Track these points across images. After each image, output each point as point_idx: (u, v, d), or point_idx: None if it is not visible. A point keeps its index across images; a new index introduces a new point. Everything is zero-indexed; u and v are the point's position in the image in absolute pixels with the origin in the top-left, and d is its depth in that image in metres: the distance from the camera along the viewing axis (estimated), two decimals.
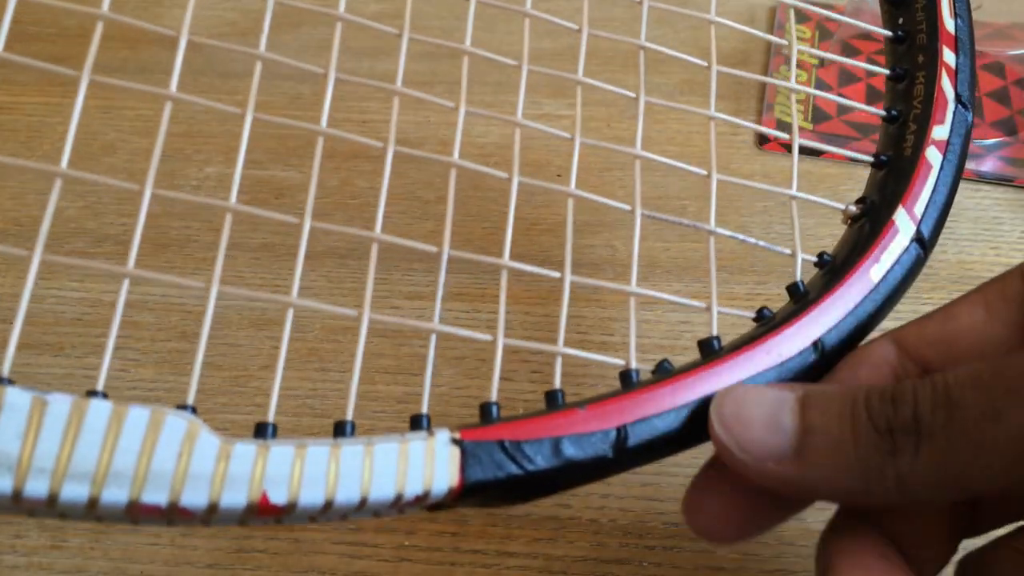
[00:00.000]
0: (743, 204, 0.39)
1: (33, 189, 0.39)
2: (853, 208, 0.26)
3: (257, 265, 0.36)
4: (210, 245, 0.36)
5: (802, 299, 0.24)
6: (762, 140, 0.42)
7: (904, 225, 0.25)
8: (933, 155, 0.26)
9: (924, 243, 0.25)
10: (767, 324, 0.23)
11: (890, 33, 0.30)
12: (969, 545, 0.22)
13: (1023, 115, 0.43)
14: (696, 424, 0.21)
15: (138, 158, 0.40)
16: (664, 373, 0.22)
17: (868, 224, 0.25)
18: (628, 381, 0.22)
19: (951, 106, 0.27)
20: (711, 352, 0.23)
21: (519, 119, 0.24)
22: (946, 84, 0.27)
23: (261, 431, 0.20)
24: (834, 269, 0.24)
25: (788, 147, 0.41)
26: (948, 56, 0.28)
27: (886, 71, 0.29)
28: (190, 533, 0.29)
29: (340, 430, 0.20)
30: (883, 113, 0.28)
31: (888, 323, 0.24)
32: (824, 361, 0.23)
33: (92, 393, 0.19)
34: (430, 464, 0.19)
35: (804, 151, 0.36)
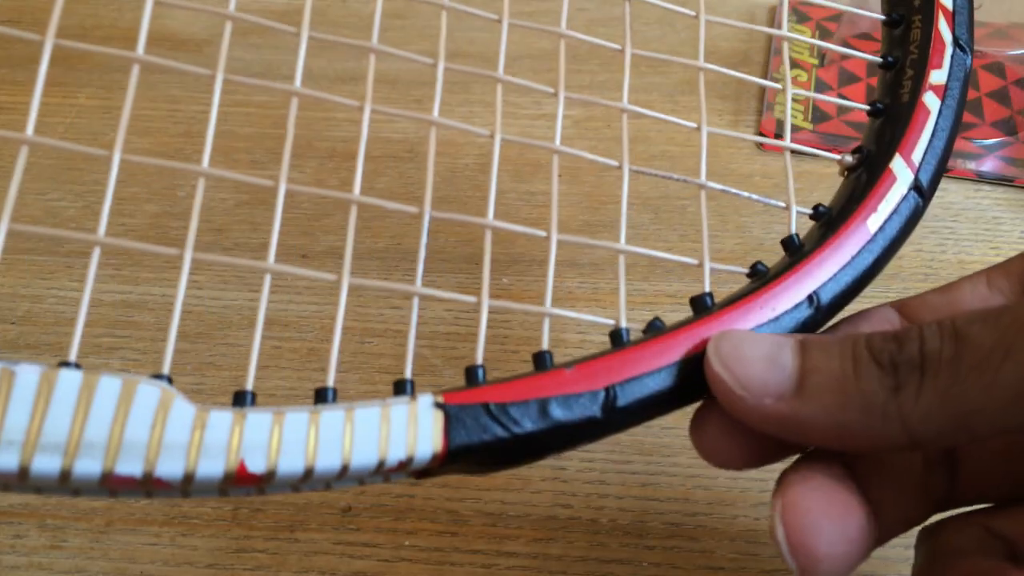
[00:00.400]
0: (742, 204, 0.39)
1: (33, 189, 0.39)
2: (849, 158, 0.25)
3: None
4: (210, 245, 0.36)
5: (797, 252, 0.23)
6: None
7: (902, 173, 0.24)
8: (931, 100, 0.25)
9: (922, 191, 0.24)
10: (761, 279, 0.23)
11: None
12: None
13: (1023, 115, 0.43)
14: (689, 382, 0.21)
15: (137, 157, 0.40)
16: (655, 331, 0.22)
17: (865, 174, 0.25)
18: (618, 340, 0.22)
19: (949, 50, 0.26)
20: (703, 308, 0.22)
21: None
22: (943, 27, 0.26)
23: (240, 399, 0.19)
24: (830, 221, 0.24)
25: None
26: None
27: (877, 59, 0.28)
28: (190, 533, 0.29)
29: (321, 396, 0.20)
30: (879, 60, 0.27)
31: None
32: (820, 315, 0.22)
33: (64, 364, 0.18)
34: (413, 429, 0.19)
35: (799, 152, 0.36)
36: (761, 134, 0.42)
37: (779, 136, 0.42)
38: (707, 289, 0.23)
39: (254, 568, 0.29)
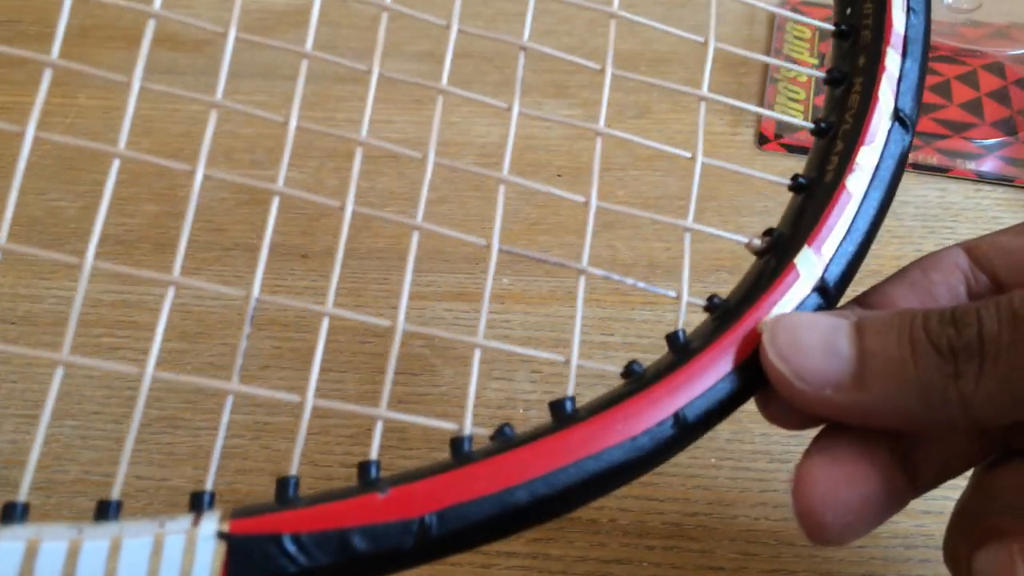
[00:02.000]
0: (743, 204, 0.39)
1: (33, 189, 0.39)
2: (757, 241, 0.22)
3: (256, 264, 0.36)
4: (210, 245, 0.36)
5: (681, 353, 0.20)
6: (762, 140, 0.42)
7: (807, 269, 0.21)
8: (856, 183, 0.22)
9: (828, 292, 0.21)
10: (636, 382, 0.20)
11: (832, 27, 0.25)
12: None
13: (1023, 115, 0.43)
14: (530, 506, 0.18)
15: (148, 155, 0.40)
16: (503, 442, 0.19)
17: (773, 261, 0.22)
18: (458, 452, 0.19)
19: (886, 123, 0.22)
20: (561, 417, 0.19)
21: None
22: (884, 94, 0.23)
23: (8, 514, 0.17)
24: (724, 316, 0.21)
25: (788, 147, 0.41)
26: (892, 60, 0.23)
27: (808, 125, 0.24)
28: None
29: (102, 511, 0.18)
30: (810, 125, 0.24)
31: None
32: (684, 435, 0.19)
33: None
34: (188, 564, 0.17)
35: (797, 149, 0.36)
36: (762, 134, 0.42)
37: (779, 136, 0.42)
38: (569, 392, 0.20)
39: None
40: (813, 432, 0.21)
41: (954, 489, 0.22)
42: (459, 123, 0.42)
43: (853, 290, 0.23)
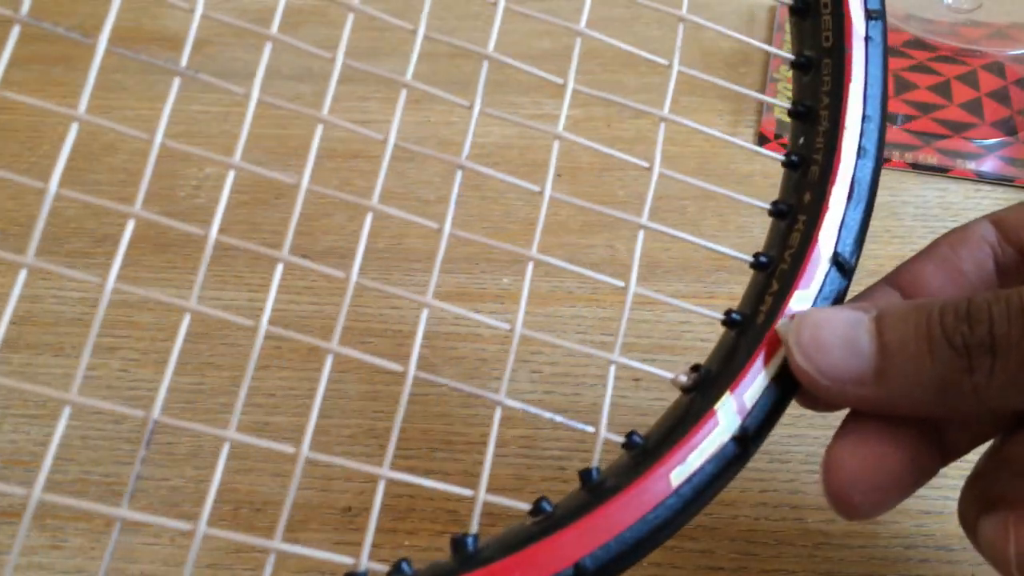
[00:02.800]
0: (743, 204, 0.39)
1: (33, 189, 0.39)
2: (683, 378, 0.22)
3: (256, 264, 0.36)
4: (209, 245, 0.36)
5: (593, 493, 0.20)
6: (762, 140, 0.42)
7: (727, 417, 0.20)
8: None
9: (746, 441, 0.20)
10: (543, 523, 0.19)
11: (782, 157, 0.24)
12: None
13: (1023, 115, 0.43)
14: None
15: (137, 158, 0.40)
16: None
17: (699, 400, 0.21)
18: None
19: (824, 267, 0.22)
20: (465, 558, 0.19)
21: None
22: (825, 238, 0.22)
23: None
24: (642, 455, 0.20)
25: (784, 146, 0.42)
26: (837, 201, 0.22)
27: (746, 258, 0.23)
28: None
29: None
30: (749, 259, 0.23)
31: None
32: None
33: None
34: None
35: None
36: (762, 135, 0.42)
37: (779, 136, 0.42)
38: (473, 529, 0.20)
39: (254, 568, 0.29)
40: (815, 431, 0.21)
41: (954, 489, 0.22)
42: (459, 123, 0.42)
43: (853, 290, 0.23)
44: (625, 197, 0.39)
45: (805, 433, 0.31)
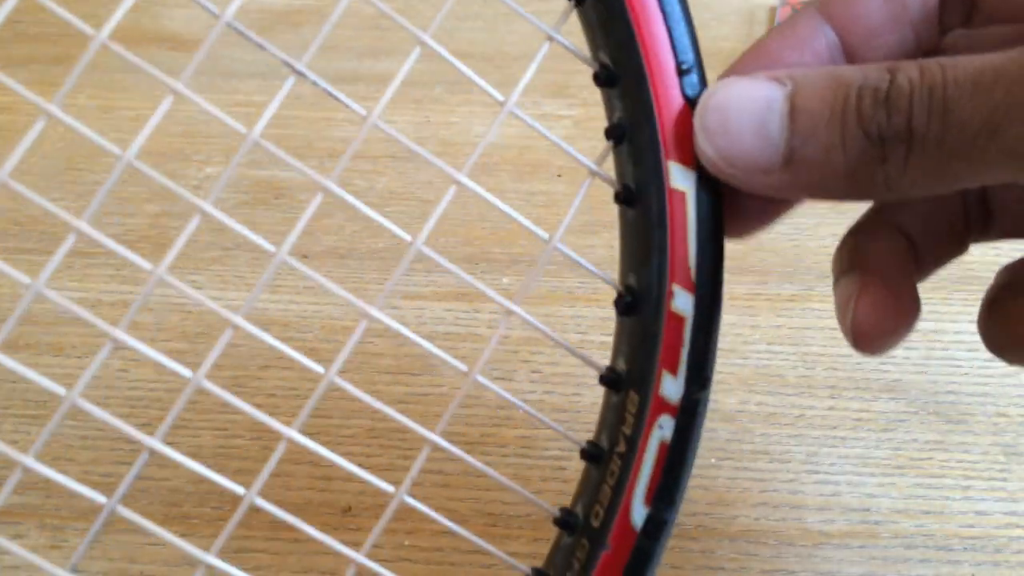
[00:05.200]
0: None
1: (33, 188, 0.39)
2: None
3: (257, 265, 0.36)
4: (209, 245, 0.36)
5: None
6: None
7: None
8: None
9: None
10: None
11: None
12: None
13: None
14: None
15: (140, 157, 0.40)
16: None
17: None
18: None
19: (631, 536, 0.20)
20: None
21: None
22: (637, 505, 0.20)
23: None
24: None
25: None
26: (646, 468, 0.20)
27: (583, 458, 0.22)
28: (190, 533, 0.29)
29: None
30: (556, 513, 0.21)
31: None
32: None
33: None
34: None
35: None
36: None
37: None
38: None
39: (254, 568, 0.29)
40: (815, 432, 0.20)
41: (954, 489, 0.22)
42: (458, 123, 0.42)
43: None
44: None
45: (805, 433, 0.31)
